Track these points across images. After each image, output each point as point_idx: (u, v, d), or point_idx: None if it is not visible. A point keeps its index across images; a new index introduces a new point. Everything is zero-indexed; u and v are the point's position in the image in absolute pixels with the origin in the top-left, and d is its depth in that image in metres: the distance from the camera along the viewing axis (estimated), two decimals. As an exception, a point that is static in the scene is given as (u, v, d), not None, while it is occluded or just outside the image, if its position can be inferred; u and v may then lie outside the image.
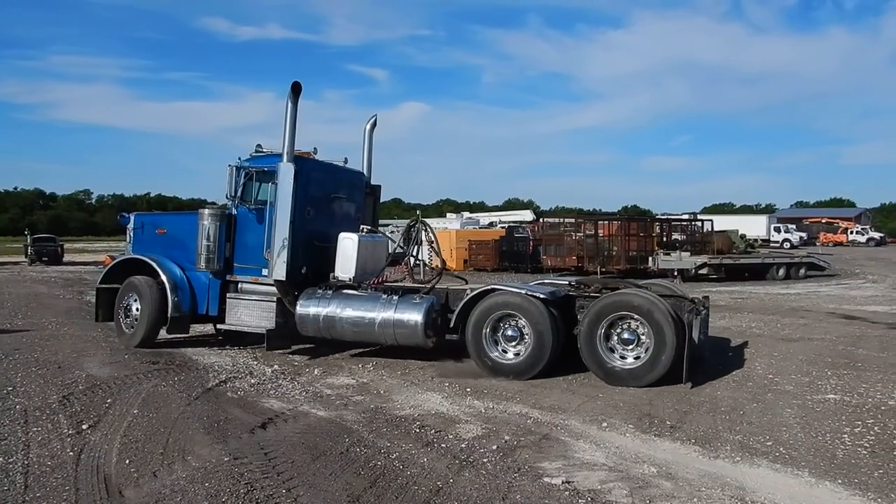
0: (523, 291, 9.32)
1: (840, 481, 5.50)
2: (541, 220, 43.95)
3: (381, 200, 13.18)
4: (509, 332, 9.29)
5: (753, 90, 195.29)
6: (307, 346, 11.03)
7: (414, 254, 11.11)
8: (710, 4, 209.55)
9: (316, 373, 9.50)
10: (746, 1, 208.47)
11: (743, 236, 46.76)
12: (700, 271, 27.43)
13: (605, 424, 7.07)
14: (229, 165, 10.73)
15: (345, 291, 10.27)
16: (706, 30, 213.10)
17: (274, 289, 10.38)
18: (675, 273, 26.58)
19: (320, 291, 10.31)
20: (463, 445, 6.34)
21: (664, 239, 33.26)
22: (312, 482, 5.30)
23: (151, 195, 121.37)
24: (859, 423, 7.06)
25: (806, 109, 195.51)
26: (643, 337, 8.73)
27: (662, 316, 8.59)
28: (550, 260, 31.63)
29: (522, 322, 9.18)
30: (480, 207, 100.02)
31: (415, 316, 9.67)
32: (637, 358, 8.75)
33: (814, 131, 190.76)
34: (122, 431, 6.63)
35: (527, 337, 9.14)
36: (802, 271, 29.02)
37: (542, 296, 9.24)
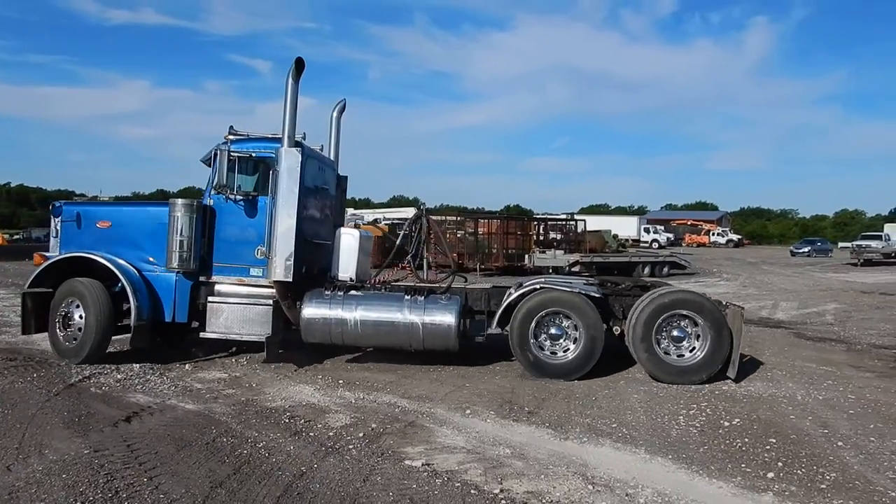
0: (576, 290, 9.22)
1: (671, 457, 6.14)
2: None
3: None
4: (553, 331, 9.15)
5: (629, 96, 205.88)
6: (185, 341, 10.82)
7: (417, 251, 10.46)
8: (590, 11, 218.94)
9: (187, 368, 9.38)
10: (623, 10, 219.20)
11: (615, 236, 49.44)
12: (573, 269, 28.78)
13: (468, 411, 7.47)
14: (218, 149, 9.45)
15: (354, 293, 9.59)
16: (586, 36, 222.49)
17: (264, 290, 9.49)
18: (550, 270, 27.78)
19: (328, 293, 9.51)
20: (330, 434, 6.55)
21: (541, 238, 34.66)
22: (175, 470, 5.36)
23: (12, 185, 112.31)
24: (694, 406, 7.83)
25: (676, 116, 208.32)
26: (695, 334, 8.96)
27: (720, 314, 9.00)
28: (432, 257, 32.12)
29: (571, 320, 9.10)
30: (366, 204, 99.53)
31: (447, 318, 9.22)
32: (692, 353, 8.93)
33: (683, 137, 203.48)
34: (-27, 428, 6.37)
35: (577, 335, 9.07)
36: (665, 270, 31.06)
37: (596, 294, 9.25)
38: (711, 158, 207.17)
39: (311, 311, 9.36)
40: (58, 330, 9.44)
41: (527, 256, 30.53)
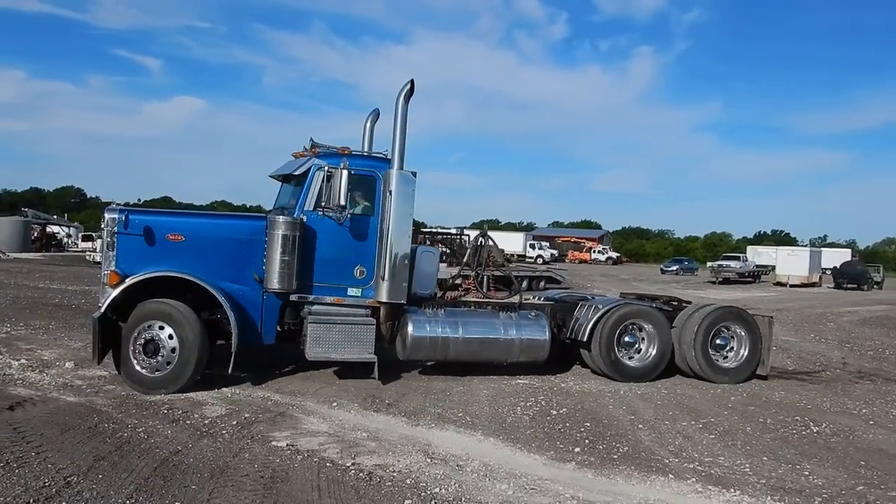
0: (653, 305, 10.96)
1: (501, 438, 7.30)
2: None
3: (151, 198, 12.93)
4: (627, 339, 10.54)
5: (522, 116, 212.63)
6: (63, 342, 11.09)
7: (480, 270, 10.92)
8: (487, 32, 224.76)
9: (67, 366, 9.73)
10: (518, 33, 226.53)
11: (502, 251, 51.43)
12: (456, 281, 30.12)
13: (334, 404, 8.37)
14: (316, 166, 9.27)
15: (451, 310, 10.10)
16: (482, 55, 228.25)
17: (360, 311, 9.47)
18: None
19: (429, 311, 9.86)
20: (206, 422, 7.29)
21: (428, 250, 35.86)
22: (61, 448, 6.00)
23: None
24: (532, 399, 9.08)
25: (566, 137, 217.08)
26: (735, 341, 10.82)
27: (755, 323, 10.79)
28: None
29: (646, 331, 10.57)
30: (258, 211, 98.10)
31: (542, 334, 10.18)
32: (737, 357, 10.77)
33: (571, 158, 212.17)
34: None
35: (651, 343, 10.55)
36: (542, 283, 33.01)
37: (668, 308, 11.02)
38: (597, 179, 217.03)
39: (418, 330, 9.63)
40: (137, 357, 8.46)
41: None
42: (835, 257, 59.67)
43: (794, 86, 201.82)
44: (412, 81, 9.41)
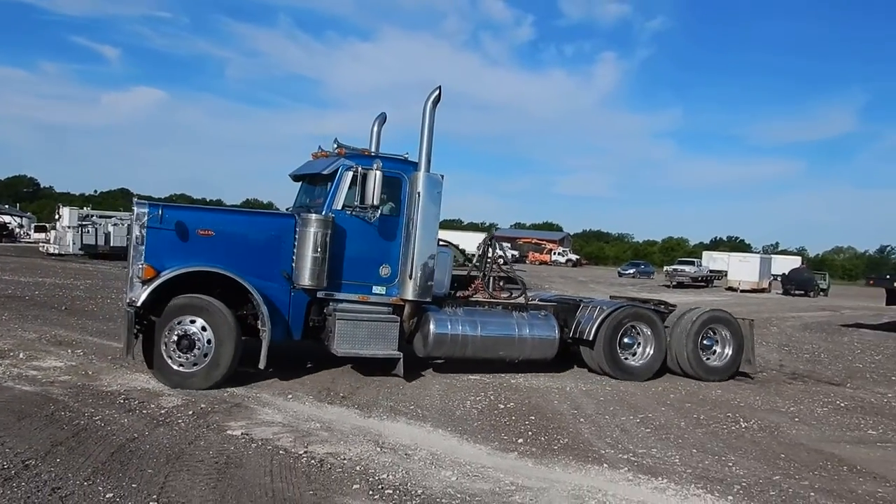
0: (651, 307, 11.76)
1: (450, 429, 7.64)
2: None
3: (108, 190, 12.95)
4: (626, 340, 11.17)
5: (487, 117, 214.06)
6: (16, 333, 11.10)
7: (488, 271, 11.52)
8: (453, 32, 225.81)
9: (21, 356, 9.80)
10: (484, 34, 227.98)
11: (463, 251, 51.89)
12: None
13: (290, 396, 8.62)
14: (344, 166, 9.54)
15: (468, 309, 10.57)
16: (447, 55, 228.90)
17: (383, 308, 9.77)
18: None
19: (449, 310, 10.30)
20: (162, 411, 7.48)
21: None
22: (18, 433, 6.16)
23: None
24: (482, 394, 9.45)
25: (530, 140, 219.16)
26: (721, 341, 11.67)
27: (738, 325, 11.68)
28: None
29: (644, 333, 11.23)
30: (219, 205, 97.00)
31: (552, 332, 10.73)
32: (722, 357, 11.62)
33: (534, 161, 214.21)
34: None
35: (648, 344, 11.23)
36: (501, 283, 33.46)
37: (664, 310, 11.74)
38: (560, 182, 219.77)
39: (440, 328, 10.01)
40: (171, 353, 8.54)
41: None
42: (785, 264, 61.55)
43: (751, 95, 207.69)
44: (440, 88, 9.76)
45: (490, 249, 11.78)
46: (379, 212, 9.62)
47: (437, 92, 9.77)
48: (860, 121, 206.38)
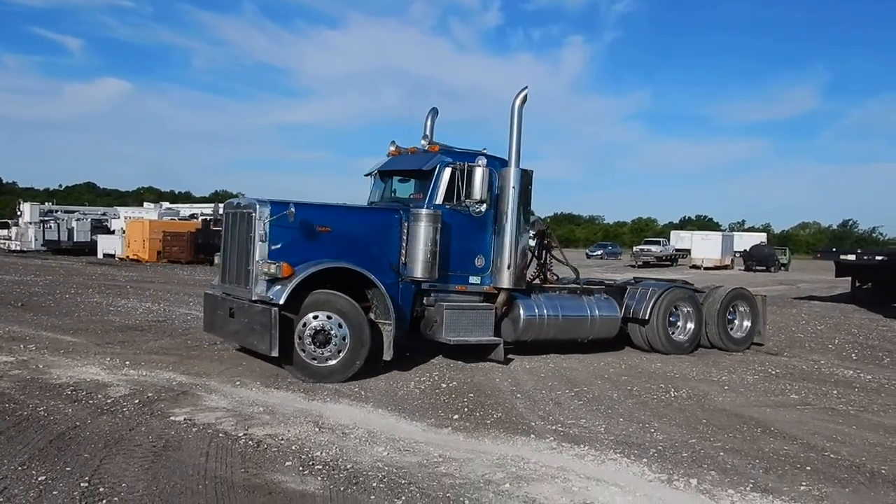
0: (691, 288, 12.81)
1: (390, 409, 7.94)
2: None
3: (73, 184, 12.80)
4: (670, 318, 12.15)
5: (455, 103, 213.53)
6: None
7: (544, 259, 12.28)
8: (420, 18, 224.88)
9: (-28, 353, 9.93)
10: (452, 19, 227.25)
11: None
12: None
13: (238, 383, 8.85)
14: (454, 163, 10.18)
15: (546, 294, 11.40)
16: (416, 41, 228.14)
17: (477, 297, 10.51)
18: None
19: (533, 296, 11.09)
20: (109, 401, 7.67)
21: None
22: (-41, 425, 6.34)
23: None
24: (427, 374, 9.76)
25: (499, 125, 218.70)
26: (740, 315, 13.04)
27: (755, 300, 13.16)
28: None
29: (684, 311, 12.32)
30: (187, 198, 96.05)
31: (614, 311, 11.79)
32: (742, 329, 13.04)
33: (505, 146, 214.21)
34: None
35: (689, 320, 12.34)
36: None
37: (702, 290, 12.88)
38: (531, 166, 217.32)
39: (529, 312, 10.82)
40: (307, 347, 8.97)
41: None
42: (749, 241, 62.79)
43: (717, 76, 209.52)
44: (526, 88, 10.45)
45: (545, 238, 12.52)
46: (485, 206, 10.30)
47: (523, 92, 10.46)
48: (824, 99, 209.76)
